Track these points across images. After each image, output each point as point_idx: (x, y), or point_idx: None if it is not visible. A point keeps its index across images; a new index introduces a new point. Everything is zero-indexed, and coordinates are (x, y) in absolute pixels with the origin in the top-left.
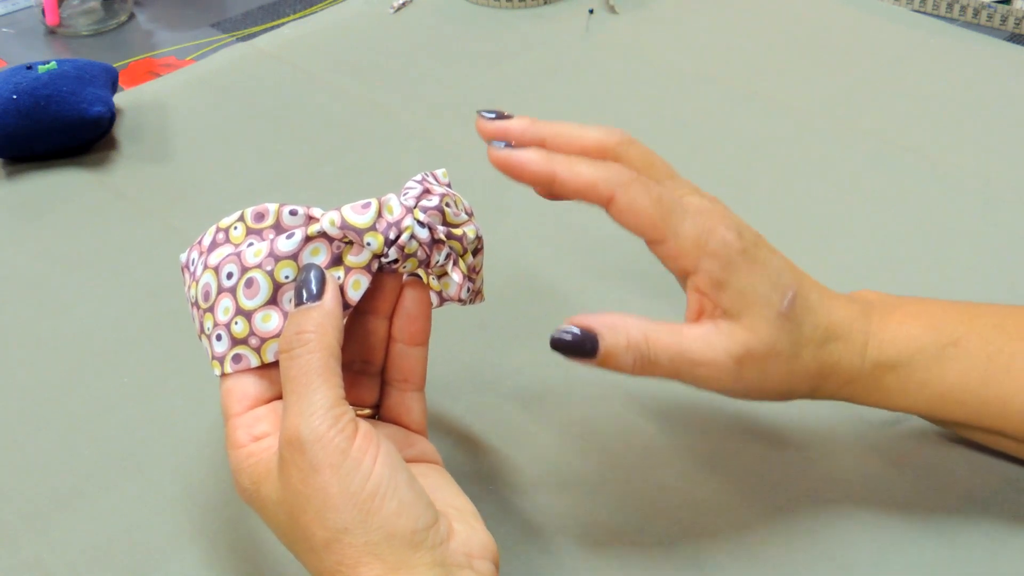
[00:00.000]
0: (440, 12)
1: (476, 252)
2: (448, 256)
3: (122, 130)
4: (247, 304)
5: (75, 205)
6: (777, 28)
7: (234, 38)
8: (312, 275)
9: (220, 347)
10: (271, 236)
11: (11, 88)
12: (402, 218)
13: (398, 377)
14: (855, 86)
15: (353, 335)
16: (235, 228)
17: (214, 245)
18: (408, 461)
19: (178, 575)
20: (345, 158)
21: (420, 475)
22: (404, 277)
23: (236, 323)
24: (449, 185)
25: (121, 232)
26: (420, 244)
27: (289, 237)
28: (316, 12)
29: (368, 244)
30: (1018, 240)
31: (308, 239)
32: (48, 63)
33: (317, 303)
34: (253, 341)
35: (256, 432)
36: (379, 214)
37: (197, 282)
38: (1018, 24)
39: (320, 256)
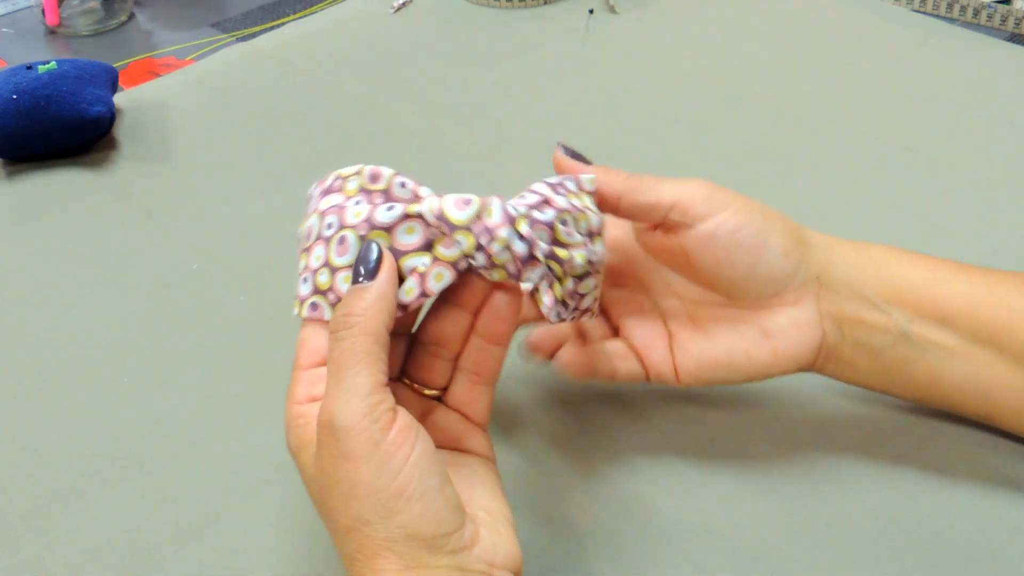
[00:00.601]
0: (440, 12)
1: (584, 276)
2: (543, 276)
3: (122, 130)
4: (336, 260)
5: (75, 205)
6: (777, 28)
7: (234, 38)
8: (371, 252)
9: (304, 290)
10: (378, 201)
11: (11, 88)
12: (499, 226)
13: (472, 369)
14: (855, 86)
15: (434, 319)
16: (351, 180)
17: (329, 190)
18: (462, 451)
19: (178, 575)
20: (345, 158)
21: (466, 467)
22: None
23: (322, 274)
24: (592, 194)
25: (121, 232)
26: (513, 257)
27: (390, 209)
28: (316, 12)
29: (458, 242)
30: (1018, 240)
31: (406, 216)
32: (48, 63)
33: (370, 283)
34: (331, 296)
35: (316, 392)
36: (478, 215)
37: (306, 220)
38: (1018, 24)
39: (415, 236)
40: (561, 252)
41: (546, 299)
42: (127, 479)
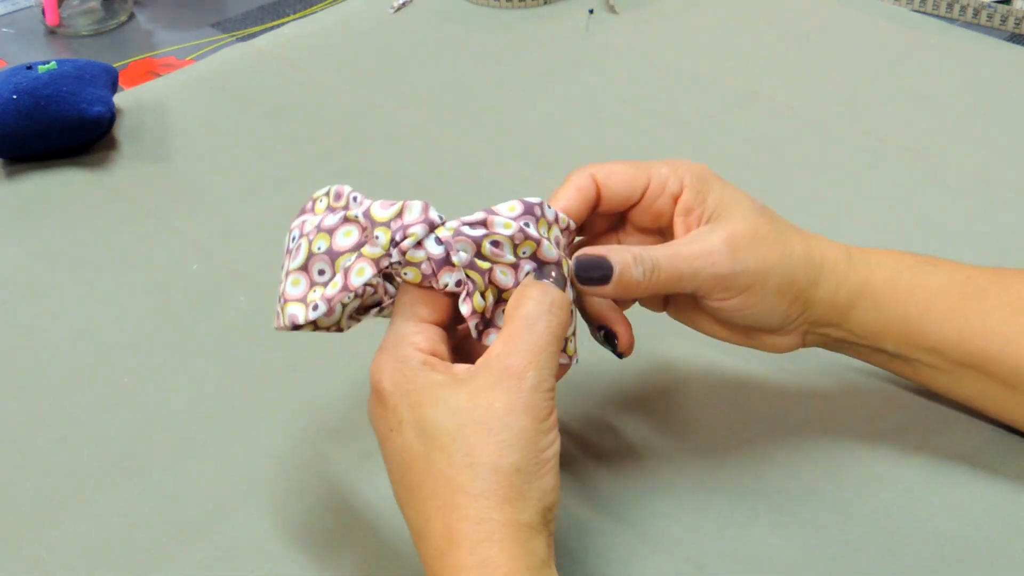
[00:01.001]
0: (440, 12)
1: (501, 301)
2: (460, 283)
3: (122, 130)
4: (288, 265)
5: (75, 205)
6: (777, 28)
7: (234, 38)
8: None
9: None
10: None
11: (11, 88)
12: (414, 223)
13: None
14: (855, 86)
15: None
16: (320, 201)
17: (303, 211)
18: None
19: (178, 575)
20: (345, 158)
21: None
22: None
23: (280, 282)
24: (566, 231)
25: (121, 232)
26: (428, 257)
27: (332, 213)
28: (316, 12)
29: (376, 237)
30: (1018, 240)
31: (345, 220)
32: (48, 63)
33: (565, 292)
34: (281, 301)
35: (438, 349)
36: (399, 215)
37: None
38: (1018, 24)
39: (352, 238)
40: (482, 263)
41: (464, 307)
42: (127, 479)
